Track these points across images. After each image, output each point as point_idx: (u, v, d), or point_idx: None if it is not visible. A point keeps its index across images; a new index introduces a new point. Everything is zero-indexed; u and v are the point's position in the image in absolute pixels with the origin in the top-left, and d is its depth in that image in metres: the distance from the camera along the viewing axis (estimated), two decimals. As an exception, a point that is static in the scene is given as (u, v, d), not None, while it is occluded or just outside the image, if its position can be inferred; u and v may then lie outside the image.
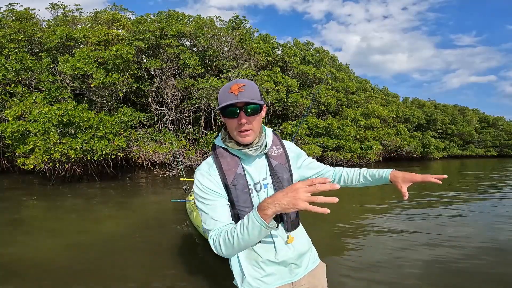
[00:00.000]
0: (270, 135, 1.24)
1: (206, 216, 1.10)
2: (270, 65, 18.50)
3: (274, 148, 1.24)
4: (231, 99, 1.06)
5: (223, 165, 1.15)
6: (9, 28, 11.43)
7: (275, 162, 1.22)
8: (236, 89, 1.06)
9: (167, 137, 13.37)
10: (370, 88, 28.29)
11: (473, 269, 3.36)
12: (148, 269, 3.30)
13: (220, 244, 1.00)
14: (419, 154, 27.80)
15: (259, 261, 1.19)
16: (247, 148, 1.14)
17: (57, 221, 5.40)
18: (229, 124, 1.13)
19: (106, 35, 12.41)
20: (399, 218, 5.70)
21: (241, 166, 1.17)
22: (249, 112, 1.08)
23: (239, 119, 1.08)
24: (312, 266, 1.32)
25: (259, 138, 1.17)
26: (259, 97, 1.11)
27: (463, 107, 42.20)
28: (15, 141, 8.76)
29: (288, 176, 1.23)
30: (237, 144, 1.15)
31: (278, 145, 1.27)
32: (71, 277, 3.11)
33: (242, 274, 1.21)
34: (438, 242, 4.26)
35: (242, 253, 1.22)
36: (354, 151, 17.53)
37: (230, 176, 1.14)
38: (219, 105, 1.09)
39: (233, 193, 1.13)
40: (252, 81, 1.50)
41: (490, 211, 6.45)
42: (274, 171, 1.20)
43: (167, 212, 6.13)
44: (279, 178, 1.20)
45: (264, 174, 1.21)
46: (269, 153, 1.23)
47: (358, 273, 3.24)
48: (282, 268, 1.21)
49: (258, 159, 1.21)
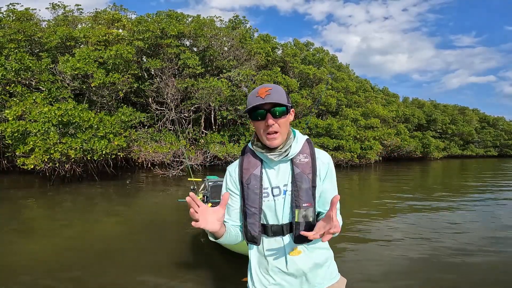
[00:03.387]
0: (301, 142, 1.21)
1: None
2: (270, 65, 18.48)
3: (300, 156, 1.20)
4: (258, 102, 1.09)
5: (244, 163, 1.23)
6: (9, 28, 11.42)
7: (297, 170, 1.18)
8: (263, 93, 1.09)
9: (167, 137, 13.37)
10: (370, 88, 28.25)
11: (473, 269, 3.36)
12: (150, 269, 3.30)
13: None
14: (419, 154, 27.79)
15: (269, 269, 1.20)
16: (269, 152, 1.16)
17: (57, 221, 5.40)
18: (257, 127, 1.15)
19: (106, 35, 12.40)
20: (399, 218, 5.69)
21: (260, 168, 1.20)
22: (276, 114, 1.11)
23: (266, 120, 1.11)
24: (329, 282, 1.25)
25: (285, 143, 1.16)
26: (286, 100, 1.12)
27: (463, 107, 42.18)
28: (15, 141, 8.75)
29: (307, 187, 1.18)
30: (261, 147, 1.19)
31: (306, 154, 1.21)
32: (71, 277, 3.11)
33: (253, 279, 1.24)
34: (438, 242, 4.26)
35: (254, 259, 1.25)
36: (354, 151, 17.53)
37: (246, 175, 1.20)
38: (247, 108, 1.12)
39: (245, 190, 1.19)
40: (252, 81, 1.49)
41: (491, 211, 6.45)
42: (295, 179, 1.18)
43: (168, 212, 6.14)
44: (297, 187, 1.17)
45: (286, 181, 1.19)
46: (294, 160, 1.20)
47: (358, 276, 3.24)
48: (292, 279, 1.19)
49: (281, 165, 1.20)
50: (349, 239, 4.42)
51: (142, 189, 9.32)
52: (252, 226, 1.17)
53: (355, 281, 3.05)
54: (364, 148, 18.51)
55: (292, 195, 1.17)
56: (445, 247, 4.05)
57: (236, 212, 1.23)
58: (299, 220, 1.16)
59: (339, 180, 1.24)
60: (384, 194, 8.38)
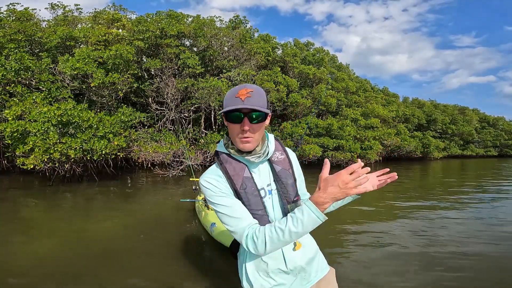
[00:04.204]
0: (273, 141, 1.22)
1: (228, 218, 1.08)
2: (270, 65, 18.47)
3: (277, 154, 1.22)
4: (236, 103, 1.03)
5: (229, 170, 1.13)
6: (9, 28, 11.42)
7: (278, 168, 1.20)
8: (243, 94, 1.04)
9: (167, 137, 13.36)
10: (370, 88, 28.23)
11: (473, 269, 3.35)
12: (150, 269, 3.29)
13: (265, 240, 1.00)
14: (419, 154, 27.78)
15: (269, 271, 1.18)
16: (249, 156, 1.12)
17: (56, 221, 5.39)
18: (231, 129, 1.10)
19: (106, 35, 12.39)
20: (399, 218, 5.68)
21: (248, 169, 1.15)
22: (253, 119, 1.06)
23: (242, 125, 1.06)
24: (322, 273, 1.30)
25: (262, 145, 1.16)
26: (266, 105, 1.08)
27: (463, 107, 42.17)
28: (14, 141, 8.74)
29: (292, 181, 1.21)
30: (237, 150, 1.13)
31: (281, 151, 1.24)
32: (70, 277, 3.10)
33: (252, 283, 1.19)
34: (438, 244, 4.25)
35: (251, 263, 1.20)
36: (354, 151, 17.52)
37: (238, 180, 1.12)
38: (224, 108, 1.06)
39: (243, 197, 1.11)
40: (252, 81, 1.48)
41: (491, 211, 6.44)
42: (278, 177, 1.19)
43: (168, 212, 6.12)
44: (283, 183, 1.18)
45: (268, 180, 1.19)
46: (272, 159, 1.20)
47: (358, 276, 3.24)
48: (292, 277, 1.20)
49: (261, 165, 1.19)
50: (349, 239, 4.42)
51: (142, 189, 9.31)
52: None
53: (356, 281, 3.04)
54: (364, 148, 18.50)
55: (280, 193, 1.18)
56: (445, 247, 4.04)
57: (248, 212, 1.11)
58: None
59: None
60: (384, 193, 8.37)
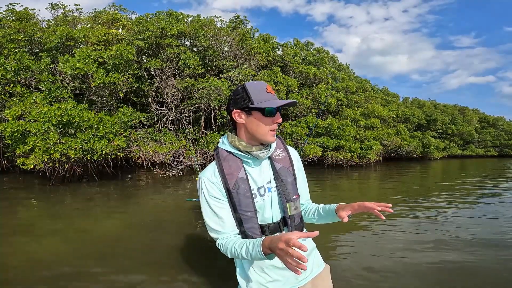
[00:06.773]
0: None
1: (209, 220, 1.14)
2: (270, 65, 18.48)
3: (278, 151, 1.23)
4: (273, 98, 1.09)
5: (224, 168, 1.14)
6: (9, 28, 11.42)
7: (278, 165, 1.21)
8: (272, 90, 1.11)
9: (167, 137, 13.36)
10: (370, 88, 28.23)
11: (473, 270, 3.35)
12: (151, 269, 3.29)
13: (227, 253, 1.10)
14: (419, 154, 27.78)
15: (264, 267, 1.19)
16: (260, 151, 1.14)
17: (56, 221, 5.39)
18: (263, 123, 1.11)
19: (106, 35, 12.39)
20: (399, 217, 5.69)
21: (244, 170, 1.15)
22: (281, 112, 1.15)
23: (275, 118, 1.12)
24: (317, 270, 1.31)
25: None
26: None
27: (463, 107, 42.15)
28: (14, 141, 8.74)
29: (292, 180, 1.22)
30: (248, 146, 1.14)
31: (282, 148, 1.26)
32: (70, 277, 3.10)
33: (247, 279, 1.20)
34: (437, 243, 4.25)
35: (246, 260, 1.21)
36: (354, 151, 17.52)
37: (231, 180, 1.13)
38: (258, 103, 1.07)
39: (234, 197, 1.12)
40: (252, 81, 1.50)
41: (491, 211, 6.44)
42: (278, 174, 1.19)
43: (168, 212, 6.13)
44: (283, 181, 1.19)
45: (268, 178, 1.20)
46: (272, 156, 1.21)
47: (358, 276, 3.24)
48: (287, 273, 1.20)
49: (263, 162, 1.20)
50: (346, 236, 4.42)
51: (142, 189, 9.31)
52: (252, 230, 1.14)
53: (351, 277, 3.05)
54: (364, 148, 18.50)
55: (279, 190, 1.19)
56: (444, 246, 4.05)
57: (232, 221, 1.14)
58: (292, 213, 1.20)
59: (339, 179, 1.25)
60: (384, 193, 8.38)
